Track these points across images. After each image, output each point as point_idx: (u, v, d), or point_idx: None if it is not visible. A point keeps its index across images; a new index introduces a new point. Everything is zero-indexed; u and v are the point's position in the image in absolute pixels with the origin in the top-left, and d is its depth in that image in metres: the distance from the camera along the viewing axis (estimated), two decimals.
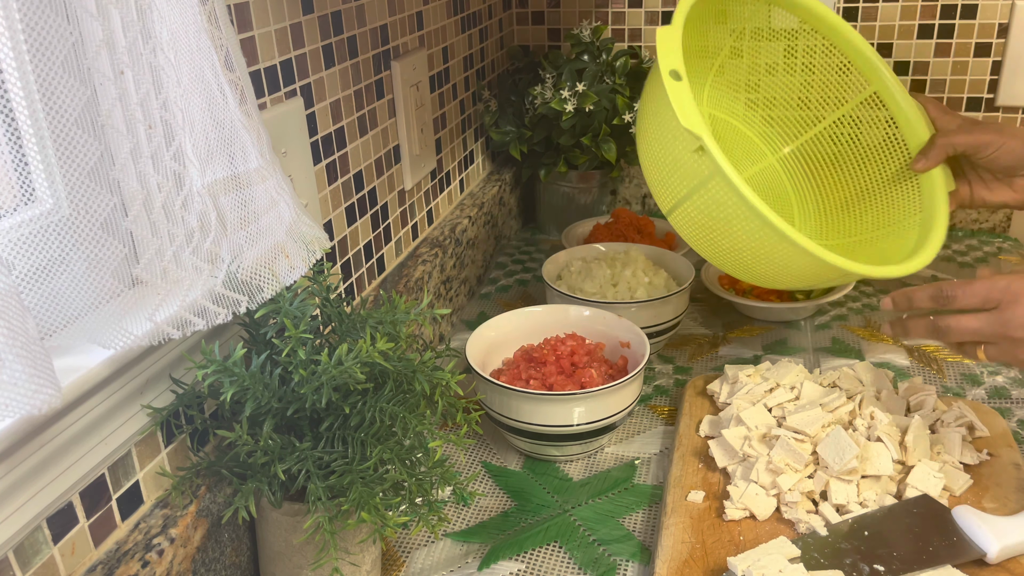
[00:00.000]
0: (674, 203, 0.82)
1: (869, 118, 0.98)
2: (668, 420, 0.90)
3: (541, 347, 0.85)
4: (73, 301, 0.52)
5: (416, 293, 0.98)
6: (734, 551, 0.67)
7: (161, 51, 0.52)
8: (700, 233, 0.82)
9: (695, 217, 0.80)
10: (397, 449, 0.60)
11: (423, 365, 0.63)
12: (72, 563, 0.53)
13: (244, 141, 0.56)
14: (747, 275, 0.84)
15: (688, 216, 0.81)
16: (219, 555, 0.63)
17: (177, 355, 0.61)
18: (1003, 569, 0.64)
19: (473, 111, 1.28)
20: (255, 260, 0.58)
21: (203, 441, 0.65)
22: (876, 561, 0.64)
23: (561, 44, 1.44)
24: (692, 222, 0.81)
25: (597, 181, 1.36)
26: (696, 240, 0.83)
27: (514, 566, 0.71)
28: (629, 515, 0.76)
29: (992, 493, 0.73)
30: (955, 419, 0.79)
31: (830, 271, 0.78)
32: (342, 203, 0.87)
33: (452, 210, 1.20)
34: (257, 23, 0.70)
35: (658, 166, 0.82)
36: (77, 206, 0.51)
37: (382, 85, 0.95)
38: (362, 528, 0.63)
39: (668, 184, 0.82)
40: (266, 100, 0.72)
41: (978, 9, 1.26)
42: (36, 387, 0.40)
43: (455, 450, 0.86)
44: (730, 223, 0.77)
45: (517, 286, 1.23)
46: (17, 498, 0.48)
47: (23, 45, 0.48)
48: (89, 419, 0.53)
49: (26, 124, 0.50)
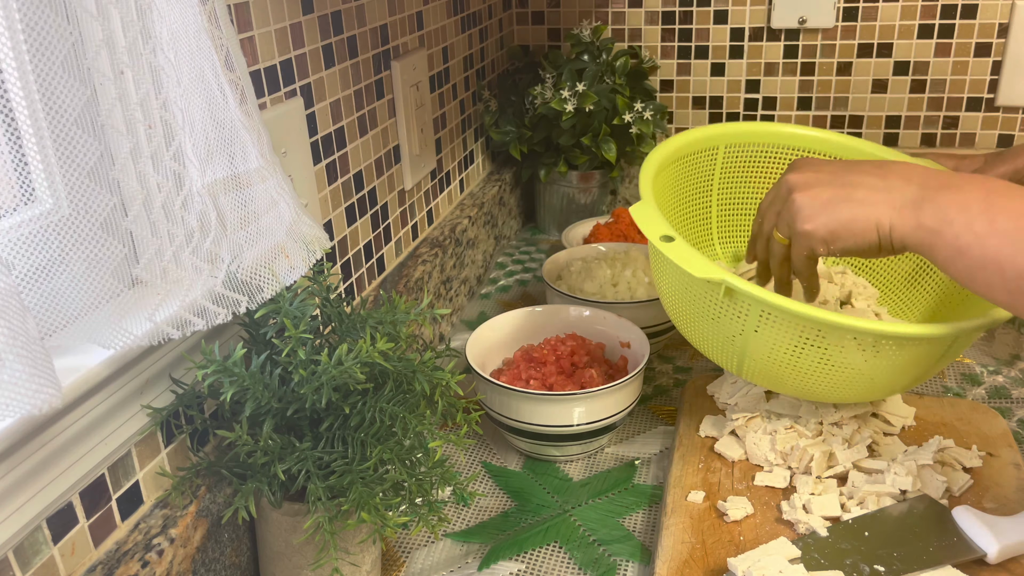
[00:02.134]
0: (739, 359, 0.75)
1: None
2: (668, 420, 0.90)
3: (541, 347, 0.85)
4: (73, 301, 0.52)
5: (416, 293, 0.98)
6: (734, 551, 0.67)
7: (161, 51, 0.52)
8: (779, 375, 0.73)
9: (764, 362, 0.73)
10: (397, 449, 0.60)
11: (423, 365, 0.63)
12: (72, 563, 0.53)
13: (244, 141, 0.56)
14: (861, 393, 0.74)
15: (757, 364, 0.74)
16: (219, 555, 0.63)
17: (177, 355, 0.61)
18: (1003, 569, 0.64)
19: (473, 111, 1.28)
20: (255, 260, 0.58)
21: (203, 441, 0.65)
22: (876, 561, 0.64)
23: (561, 44, 1.44)
24: (765, 367, 0.73)
25: (597, 181, 1.36)
26: (783, 385, 0.75)
27: (514, 566, 0.71)
28: (629, 515, 0.76)
29: (992, 493, 0.73)
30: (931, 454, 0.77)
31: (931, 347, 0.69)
32: (342, 203, 0.87)
33: (452, 210, 1.20)
34: (257, 23, 0.70)
35: (706, 336, 0.76)
36: (77, 206, 0.51)
37: (382, 85, 0.95)
38: (362, 528, 0.63)
39: (720, 343, 0.75)
40: (266, 100, 0.72)
41: (978, 9, 1.26)
42: (36, 387, 0.40)
43: (455, 450, 0.86)
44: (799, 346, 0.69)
45: (517, 286, 1.23)
46: (17, 498, 0.48)
47: (23, 45, 0.48)
48: (89, 419, 0.53)
49: (26, 124, 0.50)
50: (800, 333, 0.68)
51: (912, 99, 1.33)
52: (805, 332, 0.68)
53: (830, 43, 1.33)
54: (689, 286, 0.73)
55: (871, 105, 1.35)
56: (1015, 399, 0.90)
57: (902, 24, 1.30)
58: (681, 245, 0.71)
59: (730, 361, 0.76)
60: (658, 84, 1.41)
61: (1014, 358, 0.98)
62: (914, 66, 1.32)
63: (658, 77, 1.41)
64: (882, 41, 1.31)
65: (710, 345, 0.77)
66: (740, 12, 1.34)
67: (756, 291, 0.67)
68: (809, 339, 0.68)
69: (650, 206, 0.75)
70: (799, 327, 0.68)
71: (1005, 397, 0.91)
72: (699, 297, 0.72)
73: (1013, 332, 1.03)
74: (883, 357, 0.68)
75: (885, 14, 1.30)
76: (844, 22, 1.31)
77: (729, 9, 1.35)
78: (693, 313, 0.75)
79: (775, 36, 1.35)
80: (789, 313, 0.67)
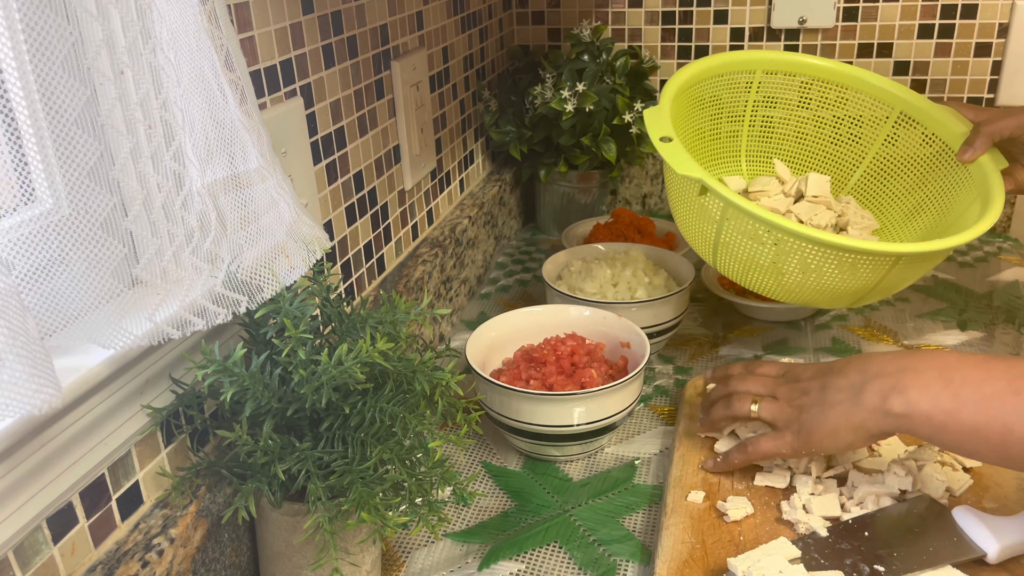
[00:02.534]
0: (711, 249, 0.87)
1: (906, 137, 1.01)
2: (668, 420, 0.90)
3: (541, 347, 0.85)
4: (73, 301, 0.52)
5: (416, 293, 0.98)
6: (734, 551, 0.67)
7: (161, 51, 0.52)
8: (743, 269, 0.86)
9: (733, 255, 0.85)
10: (397, 449, 0.60)
11: (423, 365, 0.63)
12: (72, 563, 0.53)
13: (244, 141, 0.56)
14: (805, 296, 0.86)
15: (727, 256, 0.86)
16: (219, 555, 0.63)
17: (177, 355, 0.61)
18: (1003, 569, 0.64)
19: (473, 111, 1.28)
20: (255, 260, 0.58)
21: (203, 441, 0.65)
22: (876, 561, 0.64)
23: (561, 44, 1.44)
24: (733, 260, 0.85)
25: (597, 181, 1.36)
26: (745, 278, 0.87)
27: (514, 566, 0.71)
28: (629, 515, 0.76)
29: (992, 493, 0.73)
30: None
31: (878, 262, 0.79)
32: (342, 203, 0.87)
33: (452, 210, 1.20)
34: (257, 23, 0.70)
35: (687, 226, 0.89)
36: (77, 206, 0.51)
37: (382, 85, 0.95)
38: (362, 528, 0.63)
39: (699, 235, 0.87)
40: (266, 100, 0.72)
41: (978, 9, 1.26)
42: (36, 387, 0.40)
43: (455, 450, 0.86)
44: (759, 247, 0.81)
45: (517, 286, 1.23)
46: (17, 498, 0.48)
47: (23, 45, 0.48)
48: (89, 419, 0.53)
49: (26, 124, 0.50)
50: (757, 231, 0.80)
51: None
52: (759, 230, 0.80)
53: (830, 43, 1.33)
54: (676, 181, 0.86)
55: None
56: None
57: (902, 24, 1.30)
58: (675, 146, 0.82)
59: (707, 251, 0.89)
60: (658, 84, 1.41)
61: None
62: (914, 66, 1.32)
63: (658, 77, 1.41)
64: (882, 41, 1.31)
65: (692, 235, 0.90)
66: (740, 12, 1.34)
67: (724, 191, 0.79)
68: (764, 238, 0.80)
69: (662, 111, 0.86)
70: (757, 226, 0.80)
71: None
72: (683, 191, 0.85)
73: (1013, 332, 1.03)
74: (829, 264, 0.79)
75: (885, 14, 1.30)
76: (844, 22, 1.31)
77: (729, 9, 1.35)
78: (679, 205, 0.88)
79: (775, 36, 1.35)
80: (748, 213, 0.78)
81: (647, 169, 1.45)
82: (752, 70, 1.02)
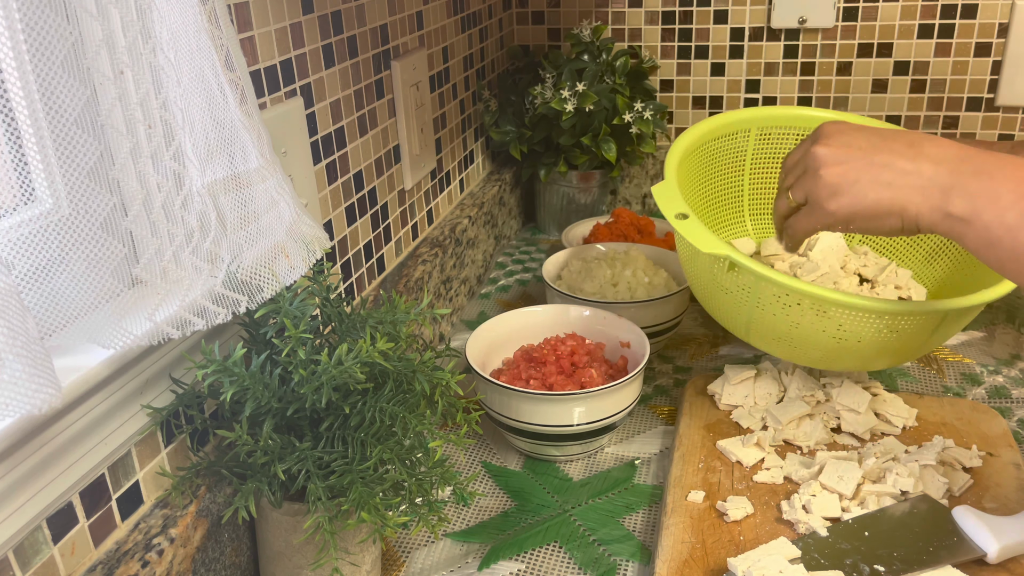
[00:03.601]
0: (746, 325, 0.81)
1: None
2: (668, 420, 0.90)
3: (541, 347, 0.85)
4: (73, 301, 0.52)
5: (416, 293, 0.98)
6: (734, 551, 0.67)
7: (161, 51, 0.52)
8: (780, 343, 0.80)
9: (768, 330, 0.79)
10: (397, 449, 0.60)
11: (423, 365, 0.63)
12: (72, 563, 0.53)
13: (244, 141, 0.56)
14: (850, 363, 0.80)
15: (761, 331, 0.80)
16: (219, 555, 0.63)
17: (177, 355, 0.61)
18: (1003, 569, 0.64)
19: (473, 111, 1.28)
20: (255, 260, 0.58)
21: (203, 441, 0.65)
22: (876, 561, 0.64)
23: (561, 44, 1.44)
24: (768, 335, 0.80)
25: (597, 181, 1.36)
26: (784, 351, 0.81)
27: (514, 566, 0.71)
28: (629, 515, 0.76)
29: (992, 493, 0.73)
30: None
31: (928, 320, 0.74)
32: (342, 203, 0.87)
33: (452, 210, 1.20)
34: (257, 23, 0.70)
35: (717, 307, 0.84)
36: (77, 206, 0.51)
37: (382, 85, 0.95)
38: (362, 528, 0.63)
39: (733, 315, 0.82)
40: (266, 100, 0.72)
41: (978, 9, 1.26)
42: (36, 387, 0.40)
43: (455, 450, 0.86)
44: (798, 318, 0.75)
45: (517, 286, 1.23)
46: (17, 498, 0.48)
47: (23, 45, 0.48)
48: (89, 419, 0.53)
49: (26, 124, 0.50)
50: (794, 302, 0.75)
51: (912, 99, 1.33)
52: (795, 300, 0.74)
53: (830, 43, 1.33)
54: (700, 260, 0.80)
55: (871, 105, 1.35)
56: (1015, 399, 0.90)
57: (902, 24, 1.30)
58: (693, 223, 0.77)
59: (739, 327, 0.83)
60: (658, 84, 1.41)
61: (1014, 358, 0.98)
62: (914, 66, 1.32)
63: (658, 77, 1.41)
64: (882, 41, 1.31)
65: (721, 313, 0.84)
66: (740, 12, 1.34)
67: (756, 266, 0.74)
68: (803, 308, 0.74)
69: (670, 186, 0.82)
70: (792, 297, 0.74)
71: (1005, 397, 0.91)
72: (708, 269, 0.80)
73: (1013, 332, 1.03)
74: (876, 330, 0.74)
75: (885, 14, 1.30)
76: (844, 22, 1.31)
77: (729, 9, 1.35)
78: (705, 284, 0.83)
79: (775, 36, 1.35)
80: (782, 286, 0.73)
81: (647, 169, 1.45)
82: (747, 129, 0.99)
